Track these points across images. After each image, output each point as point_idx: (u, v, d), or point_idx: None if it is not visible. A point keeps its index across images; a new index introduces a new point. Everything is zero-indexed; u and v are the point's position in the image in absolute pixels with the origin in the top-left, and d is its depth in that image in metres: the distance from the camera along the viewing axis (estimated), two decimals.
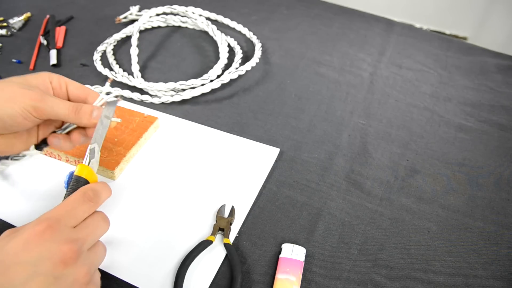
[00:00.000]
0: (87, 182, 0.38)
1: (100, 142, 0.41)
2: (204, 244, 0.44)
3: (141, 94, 0.64)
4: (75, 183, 0.37)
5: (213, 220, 0.48)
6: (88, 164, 0.39)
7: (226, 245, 0.45)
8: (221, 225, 0.46)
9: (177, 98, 0.63)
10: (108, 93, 0.45)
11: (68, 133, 0.44)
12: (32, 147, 0.42)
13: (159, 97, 0.63)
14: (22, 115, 0.37)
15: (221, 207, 0.48)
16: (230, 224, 0.47)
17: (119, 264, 0.43)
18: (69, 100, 0.43)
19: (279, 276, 0.42)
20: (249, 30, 0.78)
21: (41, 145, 0.43)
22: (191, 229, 0.47)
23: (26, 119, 0.38)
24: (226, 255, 0.44)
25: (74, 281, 0.31)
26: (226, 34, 0.77)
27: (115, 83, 0.67)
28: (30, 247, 0.30)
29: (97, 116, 0.41)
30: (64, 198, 0.36)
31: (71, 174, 0.37)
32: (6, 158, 0.50)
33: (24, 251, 0.30)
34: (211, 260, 0.44)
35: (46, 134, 0.44)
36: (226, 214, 0.48)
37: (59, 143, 0.42)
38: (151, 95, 0.64)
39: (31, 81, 0.40)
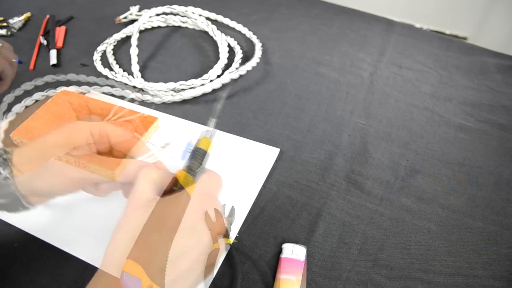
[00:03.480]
0: (205, 153, 0.41)
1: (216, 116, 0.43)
2: None
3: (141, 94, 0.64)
4: (197, 153, 0.41)
5: None
6: (210, 137, 0.42)
7: (226, 245, 0.45)
8: None
9: (178, 98, 0.63)
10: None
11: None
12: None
13: (160, 97, 0.63)
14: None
15: None
16: (230, 224, 0.47)
17: None
18: (111, 150, 0.43)
19: (279, 276, 0.42)
20: (249, 30, 0.78)
21: None
22: None
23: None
24: (226, 255, 0.44)
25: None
26: (226, 34, 0.77)
27: (115, 83, 0.67)
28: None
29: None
30: (187, 164, 0.39)
31: (190, 145, 0.42)
32: None
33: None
34: None
35: None
36: (226, 214, 0.48)
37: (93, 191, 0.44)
38: (151, 95, 0.64)
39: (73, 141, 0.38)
